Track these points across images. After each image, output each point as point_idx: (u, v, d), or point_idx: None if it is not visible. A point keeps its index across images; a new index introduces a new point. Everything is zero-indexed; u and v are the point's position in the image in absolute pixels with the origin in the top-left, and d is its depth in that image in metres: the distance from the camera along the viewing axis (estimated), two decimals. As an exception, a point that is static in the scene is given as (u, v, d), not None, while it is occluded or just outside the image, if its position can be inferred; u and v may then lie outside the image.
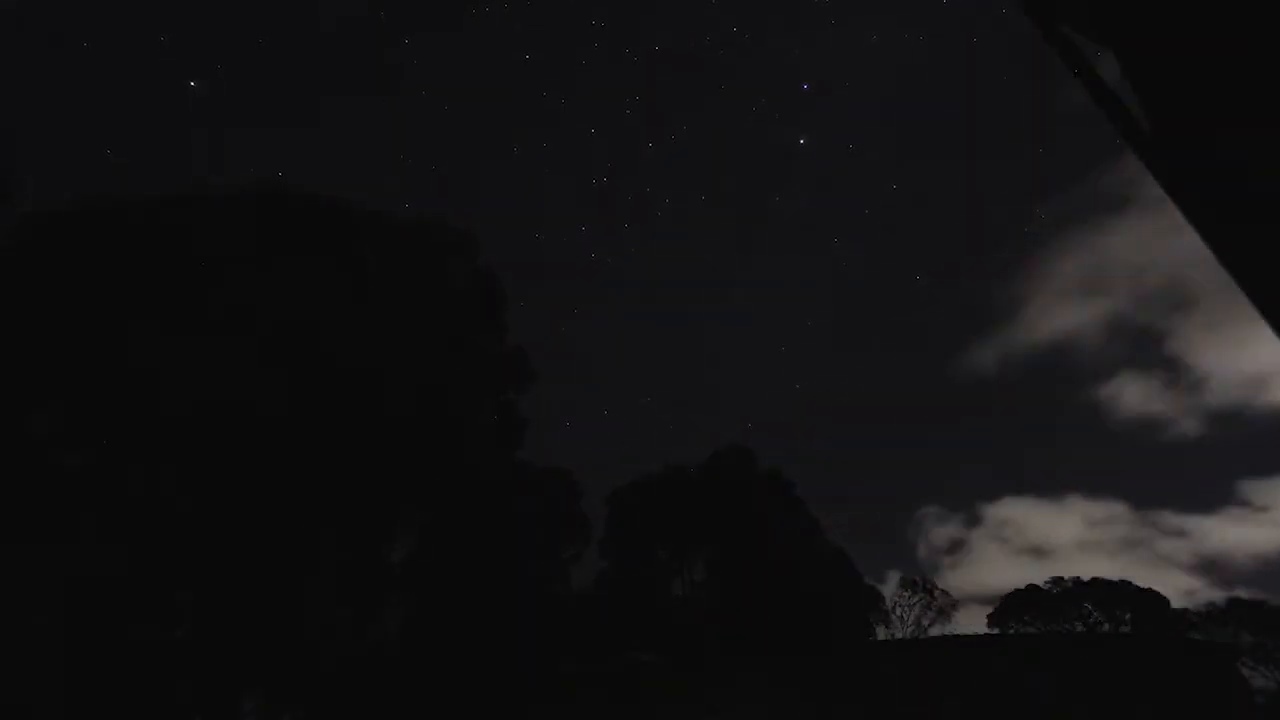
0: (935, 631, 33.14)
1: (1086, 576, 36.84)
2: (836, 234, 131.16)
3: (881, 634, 30.01)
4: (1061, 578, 37.08)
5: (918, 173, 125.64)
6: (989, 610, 37.82)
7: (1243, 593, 46.20)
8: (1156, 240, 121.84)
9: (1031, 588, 37.02)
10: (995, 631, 35.82)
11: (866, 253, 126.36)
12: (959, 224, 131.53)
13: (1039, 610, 35.97)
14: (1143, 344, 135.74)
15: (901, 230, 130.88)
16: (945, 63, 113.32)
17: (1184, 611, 35.37)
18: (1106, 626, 34.59)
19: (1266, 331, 2.04)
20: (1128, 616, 34.50)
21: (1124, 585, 35.39)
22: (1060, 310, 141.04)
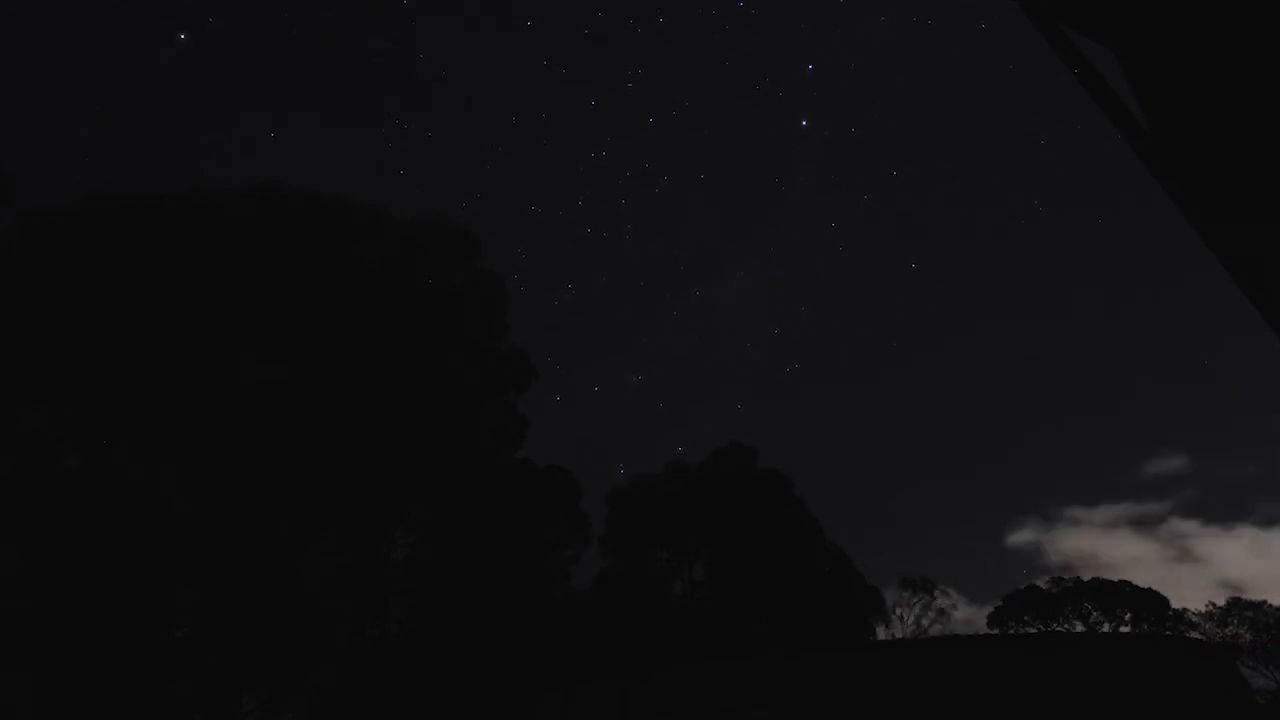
0: (935, 631, 33.19)
1: (1086, 576, 36.89)
2: (834, 219, 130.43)
3: (881, 634, 30.01)
4: (1061, 578, 37.11)
5: (919, 161, 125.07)
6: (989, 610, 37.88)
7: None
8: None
9: (1031, 588, 37.03)
10: (995, 631, 35.84)
11: (865, 239, 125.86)
12: (959, 215, 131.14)
13: (1039, 610, 35.97)
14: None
15: (900, 217, 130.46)
16: (951, 50, 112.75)
17: (1184, 611, 35.40)
18: (1106, 626, 34.59)
19: None
20: (1128, 616, 34.51)
21: (1124, 585, 35.39)
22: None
